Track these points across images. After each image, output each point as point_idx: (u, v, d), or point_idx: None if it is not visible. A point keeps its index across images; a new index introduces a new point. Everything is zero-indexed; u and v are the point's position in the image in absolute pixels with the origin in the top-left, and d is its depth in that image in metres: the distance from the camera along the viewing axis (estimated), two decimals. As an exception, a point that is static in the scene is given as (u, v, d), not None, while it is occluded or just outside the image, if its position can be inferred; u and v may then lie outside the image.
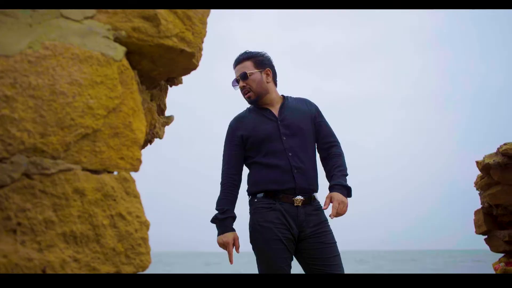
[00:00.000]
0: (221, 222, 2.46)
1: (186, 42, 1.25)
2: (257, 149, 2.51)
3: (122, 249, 1.04)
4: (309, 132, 2.59)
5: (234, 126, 2.62)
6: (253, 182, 2.49)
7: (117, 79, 1.12)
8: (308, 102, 2.70)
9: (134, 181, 1.11)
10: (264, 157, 2.47)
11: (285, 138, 2.49)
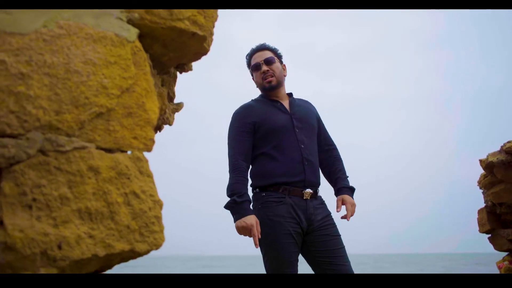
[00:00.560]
0: (239, 206, 2.33)
1: (198, 25, 1.25)
2: (268, 140, 2.48)
3: (136, 226, 1.04)
4: (315, 129, 2.68)
5: (244, 113, 2.57)
6: (261, 174, 2.46)
7: (130, 59, 1.12)
8: (311, 104, 2.81)
9: (147, 161, 1.11)
10: (274, 149, 2.47)
11: (298, 131, 2.55)
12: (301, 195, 2.43)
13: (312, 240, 2.41)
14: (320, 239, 2.41)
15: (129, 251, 1.03)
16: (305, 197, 2.43)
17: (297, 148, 2.49)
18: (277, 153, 2.46)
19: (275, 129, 2.50)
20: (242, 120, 2.54)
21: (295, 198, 2.41)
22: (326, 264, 2.39)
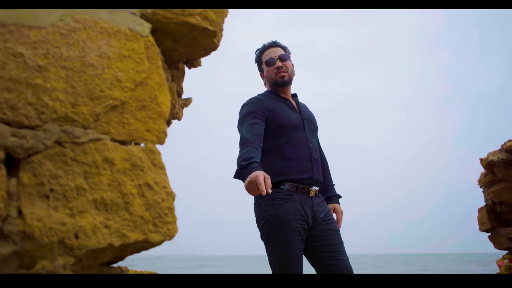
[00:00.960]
0: (246, 168, 2.18)
1: (208, 20, 1.27)
2: (278, 135, 2.48)
3: (150, 217, 1.06)
4: (317, 131, 2.77)
5: (255, 103, 2.55)
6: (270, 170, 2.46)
7: (143, 53, 1.14)
8: None
9: (160, 154, 1.13)
10: (284, 145, 2.48)
11: (306, 130, 2.61)
12: (307, 192, 2.46)
13: (315, 235, 2.45)
14: (323, 233, 2.45)
15: (143, 241, 1.05)
16: (311, 194, 2.47)
17: (306, 146, 2.53)
18: (287, 150, 2.48)
19: (287, 126, 2.52)
20: (254, 108, 2.51)
21: (303, 196, 2.44)
22: (327, 259, 2.42)
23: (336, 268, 2.41)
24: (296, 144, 2.50)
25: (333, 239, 2.47)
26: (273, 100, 2.61)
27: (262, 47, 2.75)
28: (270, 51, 2.70)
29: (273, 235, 2.37)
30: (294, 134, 2.52)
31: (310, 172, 2.48)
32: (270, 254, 2.40)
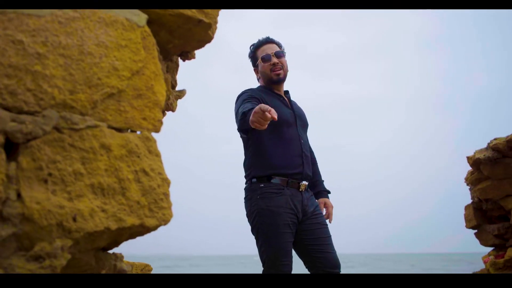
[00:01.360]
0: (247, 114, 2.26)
1: (204, 13, 1.30)
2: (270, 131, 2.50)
3: (146, 202, 1.09)
4: (307, 128, 2.81)
5: (252, 92, 2.58)
6: (261, 164, 2.50)
7: (140, 43, 1.17)
8: None
9: (155, 141, 1.16)
10: (276, 140, 2.52)
11: (298, 127, 2.66)
12: (298, 187, 2.50)
13: (304, 229, 2.49)
14: (312, 227, 2.49)
15: (139, 225, 1.07)
16: (301, 189, 2.51)
17: (297, 142, 2.58)
18: (278, 145, 2.52)
19: (280, 121, 2.55)
20: (251, 94, 2.55)
21: (293, 190, 2.48)
22: (315, 252, 2.47)
23: (323, 260, 2.46)
24: (288, 140, 2.54)
25: (321, 232, 2.51)
26: (268, 95, 2.64)
27: (258, 42, 2.76)
28: (266, 47, 2.72)
29: (263, 228, 2.41)
30: (286, 130, 2.56)
31: (301, 167, 2.52)
32: (261, 247, 2.44)
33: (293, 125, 2.61)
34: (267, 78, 2.70)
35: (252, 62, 2.82)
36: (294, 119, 2.64)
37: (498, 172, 4.07)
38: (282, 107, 2.63)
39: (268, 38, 2.76)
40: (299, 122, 2.68)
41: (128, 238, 1.17)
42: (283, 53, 2.72)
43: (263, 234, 2.42)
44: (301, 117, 2.73)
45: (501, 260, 4.09)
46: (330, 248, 2.52)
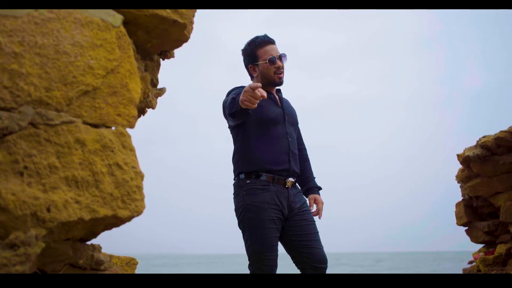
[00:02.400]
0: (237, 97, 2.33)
1: (178, 13, 1.35)
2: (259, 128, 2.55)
3: (119, 194, 1.14)
4: (297, 127, 2.86)
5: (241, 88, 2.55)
6: (248, 161, 2.55)
7: (115, 43, 1.22)
8: None
9: (130, 136, 1.21)
10: (264, 138, 2.56)
11: (287, 125, 2.70)
12: (283, 183, 2.55)
13: (291, 225, 2.54)
14: (299, 223, 2.54)
15: (112, 216, 1.13)
16: (287, 185, 2.56)
17: (285, 140, 2.62)
18: (266, 142, 2.57)
19: (269, 119, 2.60)
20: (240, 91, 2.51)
21: (279, 186, 2.53)
22: (301, 247, 2.52)
23: (310, 256, 2.51)
24: (275, 137, 2.59)
25: (308, 228, 2.56)
26: None
27: (259, 41, 2.71)
28: (269, 48, 2.69)
29: (249, 224, 2.47)
30: (274, 128, 2.60)
31: (287, 164, 2.57)
32: (246, 242, 2.50)
33: (281, 123, 2.66)
34: (268, 79, 2.69)
35: (248, 59, 2.76)
36: (283, 117, 2.68)
37: (488, 169, 4.12)
38: (271, 106, 2.67)
39: (270, 38, 2.74)
40: (288, 120, 2.72)
41: (104, 229, 1.22)
42: (284, 56, 2.72)
43: (248, 229, 2.48)
44: (291, 116, 2.77)
45: (490, 256, 4.14)
46: (317, 243, 2.57)
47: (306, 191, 2.79)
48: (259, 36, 2.71)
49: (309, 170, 2.88)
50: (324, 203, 2.80)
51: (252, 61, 2.71)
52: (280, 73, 2.67)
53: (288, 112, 2.75)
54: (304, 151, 2.91)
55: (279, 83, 2.70)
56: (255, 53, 2.69)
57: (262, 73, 2.69)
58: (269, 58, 2.65)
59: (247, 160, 2.55)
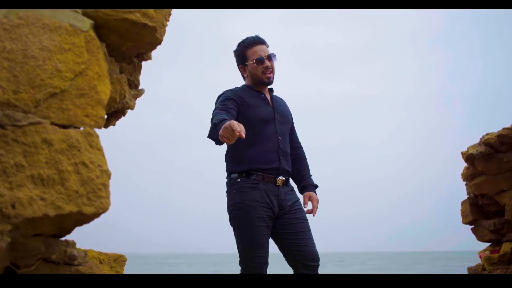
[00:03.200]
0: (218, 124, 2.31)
1: (148, 17, 1.40)
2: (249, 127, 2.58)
3: (84, 192, 1.19)
4: (290, 125, 2.88)
5: (231, 93, 2.67)
6: (238, 160, 2.59)
7: (83, 47, 1.27)
8: (286, 102, 2.97)
9: (98, 136, 1.26)
10: (254, 137, 2.60)
11: (277, 123, 2.71)
12: (274, 182, 2.58)
13: (282, 223, 2.57)
14: (290, 222, 2.56)
15: (77, 213, 1.18)
16: (278, 183, 2.58)
17: (275, 139, 2.65)
18: (256, 141, 2.60)
19: (258, 118, 2.64)
20: (229, 96, 2.64)
21: (269, 185, 2.56)
22: (293, 245, 2.54)
23: (302, 254, 2.53)
24: (265, 137, 2.62)
25: (300, 227, 2.58)
26: (248, 94, 2.72)
27: (248, 41, 2.76)
28: (258, 48, 2.73)
29: (239, 221, 2.51)
30: (264, 127, 2.63)
31: (277, 162, 2.60)
32: (237, 239, 2.54)
33: (271, 122, 2.68)
34: (257, 79, 2.74)
35: (239, 59, 2.82)
36: (273, 116, 2.71)
37: (492, 167, 4.08)
38: (261, 105, 2.70)
39: (259, 38, 2.78)
40: (279, 119, 2.74)
41: (74, 226, 1.28)
42: (274, 55, 2.76)
43: (238, 227, 2.52)
44: (282, 114, 2.79)
45: (495, 255, 4.09)
46: (309, 242, 2.58)
47: (301, 189, 2.81)
48: (249, 37, 2.76)
49: (306, 168, 2.88)
50: (319, 200, 2.80)
51: (242, 61, 2.76)
52: (268, 73, 2.70)
53: (279, 111, 2.77)
54: (300, 150, 2.93)
55: (267, 83, 2.73)
56: (245, 54, 2.74)
57: (251, 73, 2.73)
58: (256, 58, 2.69)
59: (238, 159, 2.59)
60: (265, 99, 2.76)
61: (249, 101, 2.66)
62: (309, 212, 2.70)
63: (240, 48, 2.77)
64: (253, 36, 2.76)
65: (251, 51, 2.73)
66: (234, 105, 2.58)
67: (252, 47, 2.72)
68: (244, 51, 2.75)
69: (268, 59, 2.70)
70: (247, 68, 2.76)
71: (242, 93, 2.71)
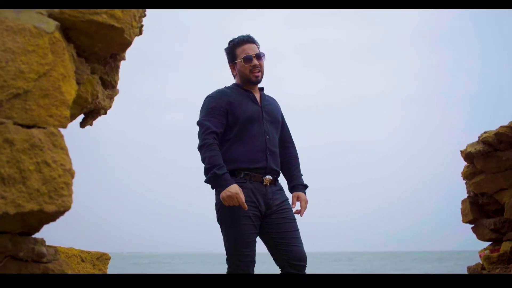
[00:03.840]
0: (221, 178, 2.46)
1: (115, 18, 1.42)
2: (236, 127, 2.62)
3: (46, 190, 1.22)
4: (280, 124, 2.88)
5: (218, 97, 2.70)
6: (226, 160, 2.60)
7: (48, 48, 1.30)
8: (277, 102, 2.98)
9: (62, 136, 1.28)
10: (241, 136, 2.62)
11: (265, 122, 2.72)
12: (261, 181, 2.59)
13: (270, 223, 2.57)
14: (277, 221, 2.57)
15: (39, 211, 1.20)
16: (265, 183, 2.59)
17: (262, 138, 2.66)
18: (243, 141, 2.61)
19: (245, 118, 2.65)
20: (216, 102, 2.67)
21: (256, 184, 2.57)
22: (281, 245, 2.55)
23: (289, 253, 2.54)
24: (252, 136, 2.63)
25: (288, 226, 2.58)
26: (237, 93, 2.73)
27: (238, 40, 2.79)
28: (247, 47, 2.76)
29: (225, 220, 2.53)
30: (251, 126, 2.64)
31: (264, 162, 2.61)
32: (224, 237, 2.56)
33: (259, 121, 2.69)
34: (245, 77, 2.76)
35: (229, 58, 2.85)
36: (260, 115, 2.72)
37: (491, 165, 4.04)
38: (249, 105, 2.71)
39: (250, 37, 2.81)
40: (267, 118, 2.75)
41: (40, 223, 1.30)
42: (263, 55, 2.78)
43: (225, 225, 2.54)
44: (271, 113, 2.80)
45: (495, 254, 4.05)
46: (296, 241, 2.59)
47: (291, 189, 2.82)
48: (240, 36, 2.78)
49: (296, 168, 2.89)
50: (308, 201, 2.80)
51: (231, 59, 2.79)
52: (256, 71, 2.71)
53: (268, 110, 2.78)
54: (292, 149, 2.92)
55: (255, 82, 2.74)
56: (234, 52, 2.77)
57: (239, 72, 2.76)
58: (244, 56, 2.71)
59: (225, 159, 2.60)
60: (253, 98, 2.76)
61: (236, 100, 2.68)
62: (297, 212, 2.71)
63: (230, 46, 2.80)
64: (244, 35, 2.78)
65: (240, 49, 2.75)
66: (221, 115, 2.63)
67: (241, 45, 2.75)
68: (234, 49, 2.78)
69: (257, 58, 2.72)
70: (236, 67, 2.79)
71: (230, 92, 2.73)
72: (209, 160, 2.51)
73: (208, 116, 2.62)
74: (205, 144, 2.54)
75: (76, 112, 1.59)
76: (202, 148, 2.56)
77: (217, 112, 2.63)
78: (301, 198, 2.79)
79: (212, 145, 2.54)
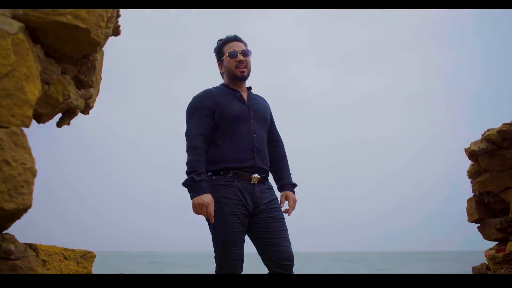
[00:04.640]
0: (197, 184, 2.50)
1: (80, 19, 1.44)
2: (223, 126, 2.64)
3: (5, 189, 1.24)
4: (268, 123, 2.90)
5: (205, 98, 2.74)
6: (213, 159, 2.62)
7: (10, 49, 1.32)
8: (266, 101, 3.00)
9: (24, 136, 1.30)
10: (228, 136, 2.63)
11: (252, 121, 2.72)
12: (249, 179, 2.59)
13: (258, 222, 2.58)
14: (265, 221, 2.57)
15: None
16: (253, 181, 2.60)
17: (249, 136, 2.67)
18: (230, 140, 2.63)
19: (232, 117, 2.66)
20: (203, 103, 2.71)
21: (243, 182, 2.58)
22: (268, 245, 2.55)
23: (276, 253, 2.54)
24: (239, 134, 2.64)
25: (276, 226, 2.59)
26: (224, 93, 2.75)
27: (225, 38, 2.86)
28: (233, 44, 2.82)
29: (214, 218, 2.53)
30: (237, 125, 2.65)
31: (252, 160, 2.61)
32: (212, 235, 2.57)
33: (246, 120, 2.70)
34: (231, 74, 2.79)
35: (217, 56, 2.91)
36: (248, 114, 2.72)
37: (496, 164, 3.97)
38: (235, 104, 2.72)
39: (236, 36, 2.86)
40: (255, 117, 2.75)
41: (6, 222, 1.32)
42: (249, 52, 2.80)
43: (212, 224, 2.55)
44: (258, 112, 2.80)
45: (500, 254, 3.98)
46: (284, 241, 2.58)
47: (279, 188, 2.82)
48: (227, 35, 2.81)
49: (285, 167, 2.89)
50: (296, 200, 2.80)
51: (219, 57, 2.83)
52: (242, 67, 2.73)
53: (255, 109, 2.78)
54: (281, 148, 2.93)
55: (240, 77, 2.76)
56: (221, 50, 2.83)
57: (226, 68, 2.80)
58: (229, 51, 2.74)
59: (213, 158, 2.62)
60: (240, 97, 2.77)
61: (222, 100, 2.70)
62: (285, 211, 2.71)
63: (218, 45, 2.86)
64: (231, 34, 2.82)
65: (227, 47, 2.81)
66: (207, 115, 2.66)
67: (228, 43, 2.82)
68: (221, 48, 2.85)
69: (243, 54, 2.75)
70: (223, 64, 2.82)
71: (217, 92, 2.76)
72: (191, 164, 2.56)
73: (195, 117, 2.65)
74: (191, 147, 2.59)
75: (49, 111, 1.62)
76: (188, 150, 2.61)
77: (203, 112, 2.66)
78: (289, 197, 2.80)
79: (198, 148, 2.58)
